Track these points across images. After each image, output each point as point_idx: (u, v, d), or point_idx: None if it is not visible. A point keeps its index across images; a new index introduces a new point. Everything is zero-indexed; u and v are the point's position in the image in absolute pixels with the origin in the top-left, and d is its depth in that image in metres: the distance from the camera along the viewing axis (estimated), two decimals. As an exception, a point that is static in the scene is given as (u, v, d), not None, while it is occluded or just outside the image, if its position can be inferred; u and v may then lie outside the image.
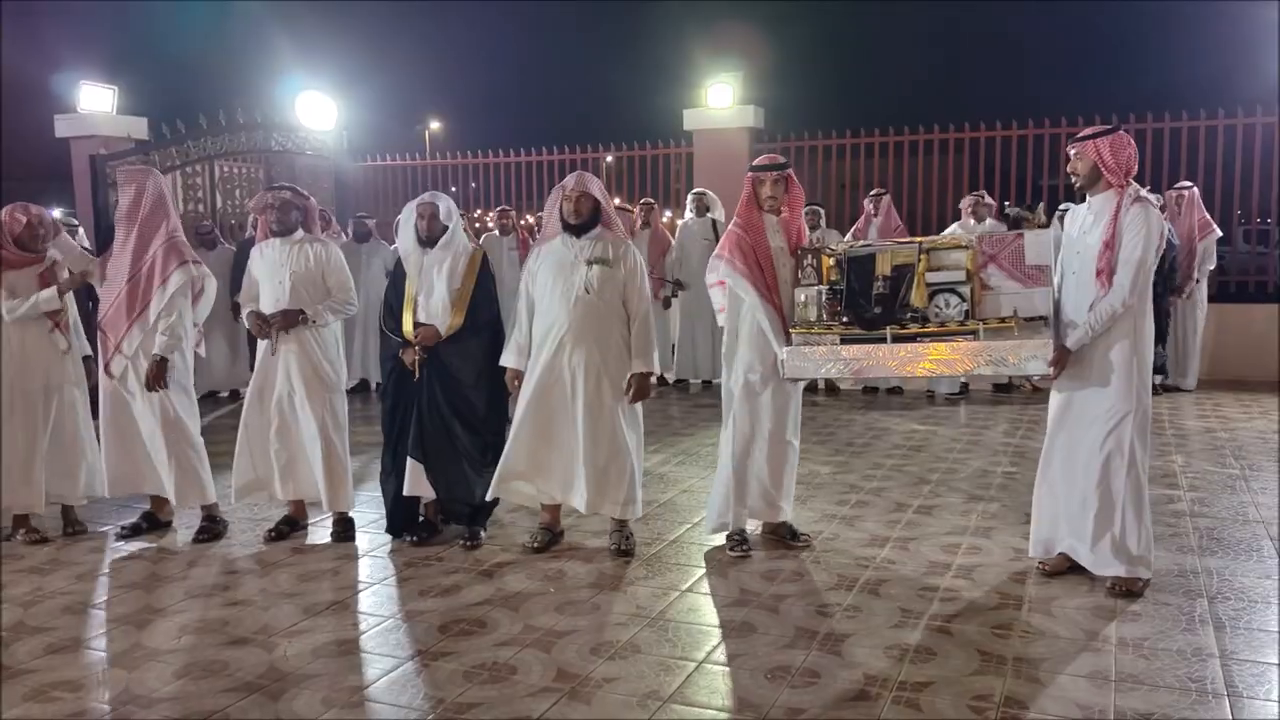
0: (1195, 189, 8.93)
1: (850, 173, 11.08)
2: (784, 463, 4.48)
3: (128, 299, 4.73)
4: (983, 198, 8.59)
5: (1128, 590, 3.85)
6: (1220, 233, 8.84)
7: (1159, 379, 8.44)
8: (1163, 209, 8.15)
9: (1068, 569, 4.05)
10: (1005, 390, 8.72)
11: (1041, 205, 7.54)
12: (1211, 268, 8.82)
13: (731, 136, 11.01)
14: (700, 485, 5.66)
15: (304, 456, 4.83)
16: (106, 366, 4.79)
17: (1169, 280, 8.32)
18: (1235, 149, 9.74)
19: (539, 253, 4.53)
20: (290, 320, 4.68)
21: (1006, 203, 9.86)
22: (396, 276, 4.70)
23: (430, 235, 4.58)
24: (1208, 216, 8.80)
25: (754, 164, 4.47)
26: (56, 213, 9.49)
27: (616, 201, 9.53)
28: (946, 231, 8.43)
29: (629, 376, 4.44)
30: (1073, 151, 3.93)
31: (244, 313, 4.84)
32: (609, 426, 4.42)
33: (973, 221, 8.35)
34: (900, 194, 10.71)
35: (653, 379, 4.51)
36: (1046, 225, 4.10)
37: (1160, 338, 8.29)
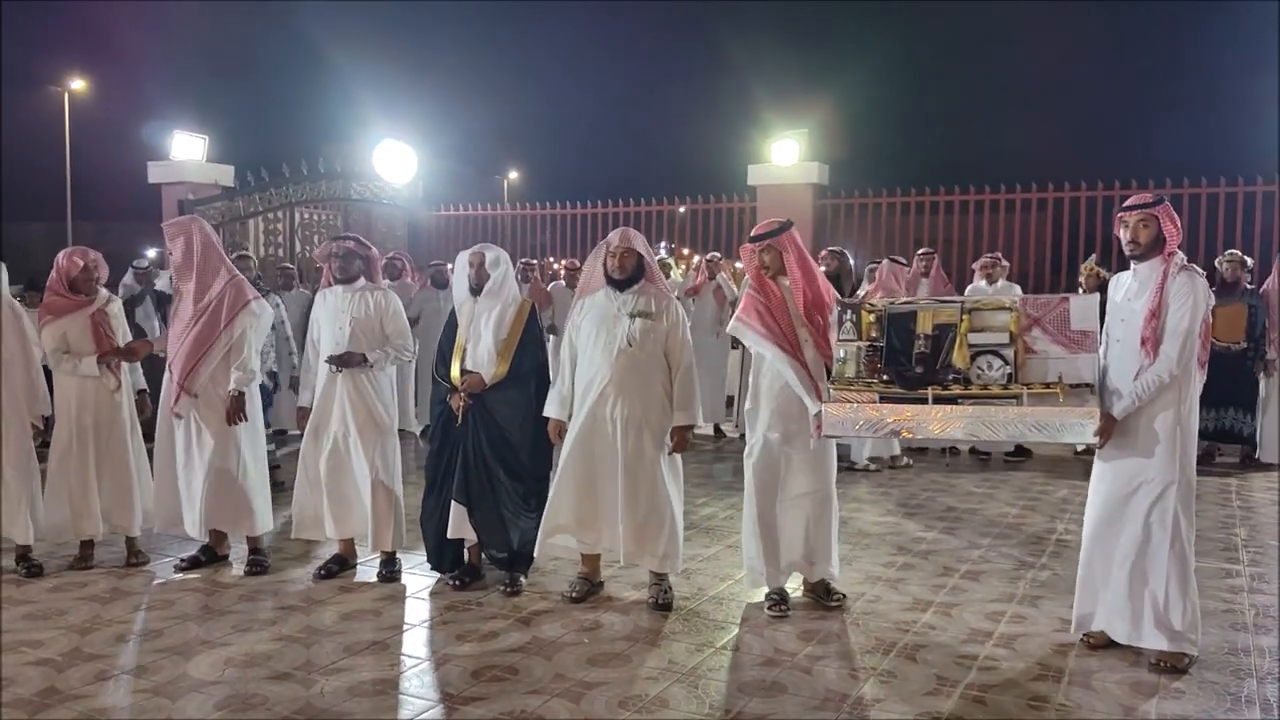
0: None
1: (915, 230, 11.06)
2: (816, 519, 4.46)
3: (193, 342, 4.94)
4: (999, 260, 8.52)
5: (1172, 666, 3.74)
6: None
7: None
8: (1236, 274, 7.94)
9: (1110, 643, 3.95)
10: (1021, 454, 8.46)
11: (1094, 256, 7.42)
12: None
13: (795, 192, 11.08)
14: (746, 540, 5.65)
15: (356, 496, 4.97)
16: (173, 406, 4.99)
17: (1259, 347, 8.03)
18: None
19: (582, 306, 4.62)
20: (351, 361, 4.84)
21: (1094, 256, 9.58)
22: (450, 323, 4.84)
23: (479, 283, 4.72)
24: None
25: (750, 235, 4.53)
26: (151, 253, 9.97)
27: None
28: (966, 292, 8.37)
29: (671, 429, 4.49)
30: (1135, 219, 3.86)
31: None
32: (650, 479, 4.47)
33: (984, 283, 8.29)
34: (965, 253, 10.67)
35: (692, 431, 4.56)
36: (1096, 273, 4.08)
37: (1249, 406, 8.01)
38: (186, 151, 12.07)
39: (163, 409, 5.09)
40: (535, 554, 4.67)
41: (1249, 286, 8.10)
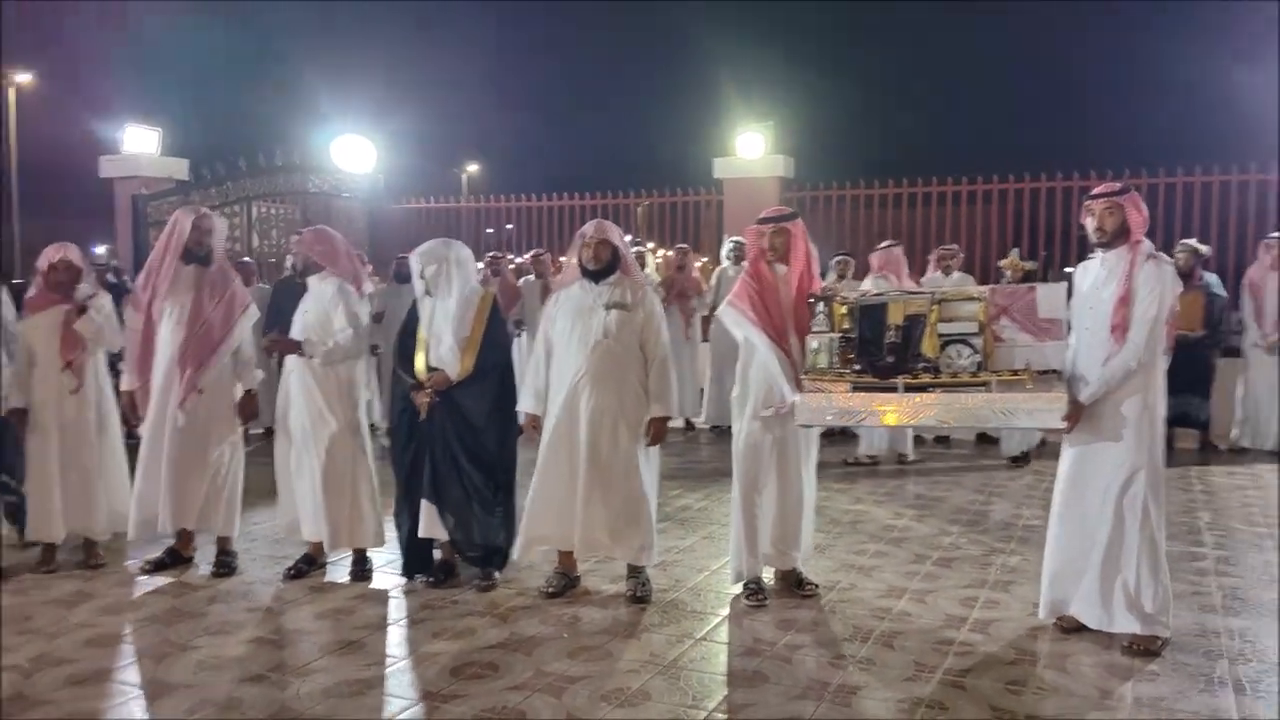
0: None
1: (880, 222, 11.14)
2: (792, 508, 4.48)
3: (206, 338, 4.87)
4: (955, 251, 8.68)
5: (1145, 649, 3.80)
6: None
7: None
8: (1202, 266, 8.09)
9: (1083, 627, 4.00)
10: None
11: (1016, 250, 7.58)
12: None
13: (761, 185, 11.12)
14: (722, 531, 5.65)
15: (316, 495, 4.88)
16: (181, 403, 4.86)
17: (1217, 335, 8.21)
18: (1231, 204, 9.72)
19: (557, 298, 4.60)
20: (286, 347, 4.80)
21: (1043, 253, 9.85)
22: (411, 318, 4.78)
23: (426, 286, 4.66)
24: None
25: (758, 217, 4.53)
26: (100, 250, 9.79)
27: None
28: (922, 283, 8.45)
29: (647, 421, 4.48)
30: (1101, 207, 3.91)
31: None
32: (626, 471, 4.45)
33: (939, 274, 8.40)
34: (929, 244, 10.77)
35: (670, 423, 4.56)
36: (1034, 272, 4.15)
37: (1204, 393, 8.19)
38: (139, 145, 11.84)
39: (155, 410, 4.94)
40: (516, 557, 4.65)
41: (1204, 275, 8.27)
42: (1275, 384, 8.25)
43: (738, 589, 4.55)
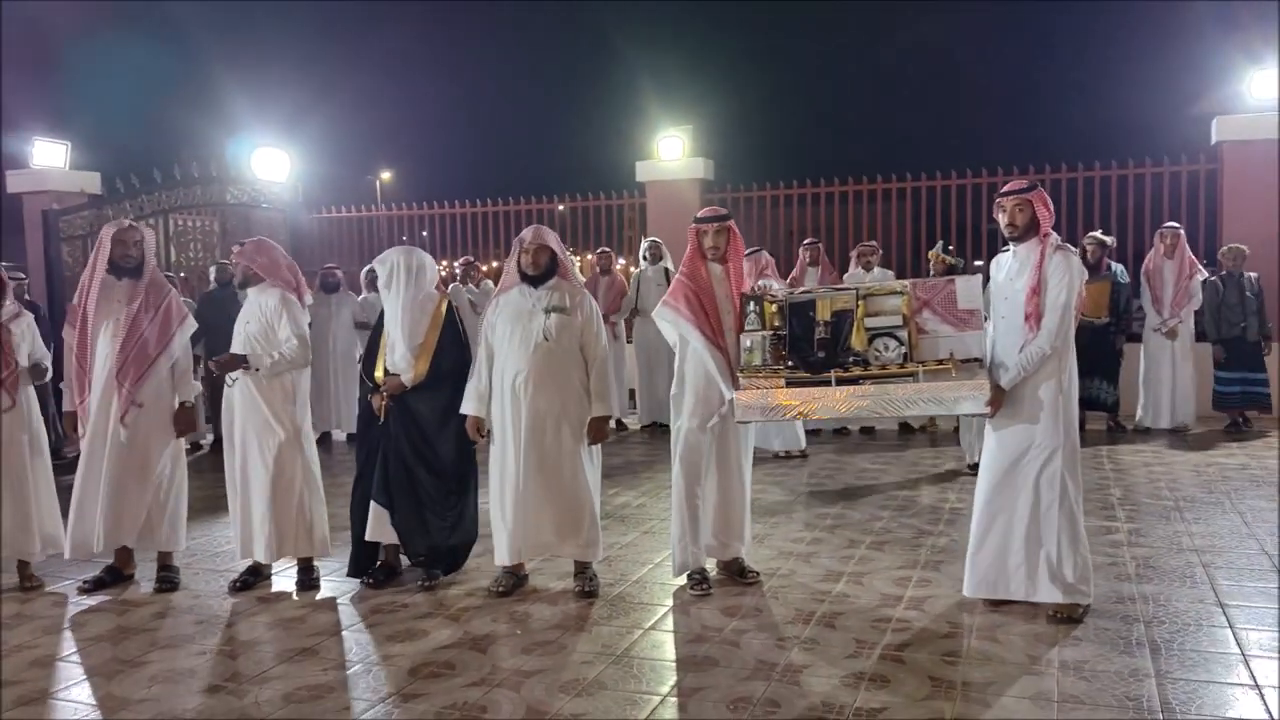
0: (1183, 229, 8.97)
1: (799, 221, 11.44)
2: (733, 501, 4.65)
3: (142, 349, 4.83)
4: (875, 248, 9.07)
5: (1068, 616, 4.05)
6: (1206, 274, 8.77)
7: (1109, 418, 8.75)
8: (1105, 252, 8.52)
9: (1008, 600, 4.23)
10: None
11: (951, 248, 7.95)
12: (1197, 308, 8.73)
13: (682, 188, 11.33)
14: (661, 526, 5.80)
15: (263, 505, 4.87)
16: (122, 418, 4.81)
17: (1122, 322, 8.66)
18: (1146, 196, 10.26)
19: (497, 303, 4.68)
20: (232, 364, 4.79)
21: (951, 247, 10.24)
22: (380, 322, 4.85)
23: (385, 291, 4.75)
24: (1193, 257, 8.86)
25: (697, 216, 4.68)
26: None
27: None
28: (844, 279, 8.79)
29: (588, 420, 4.59)
30: (1012, 203, 4.15)
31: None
32: (571, 471, 4.57)
33: (860, 270, 8.73)
34: (847, 241, 11.09)
35: (610, 422, 4.68)
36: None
37: (1112, 377, 8.63)
38: (48, 159, 11.54)
39: (93, 427, 4.86)
40: (510, 562, 4.68)
41: (1110, 264, 8.72)
42: (1172, 366, 8.76)
43: (681, 581, 4.69)
